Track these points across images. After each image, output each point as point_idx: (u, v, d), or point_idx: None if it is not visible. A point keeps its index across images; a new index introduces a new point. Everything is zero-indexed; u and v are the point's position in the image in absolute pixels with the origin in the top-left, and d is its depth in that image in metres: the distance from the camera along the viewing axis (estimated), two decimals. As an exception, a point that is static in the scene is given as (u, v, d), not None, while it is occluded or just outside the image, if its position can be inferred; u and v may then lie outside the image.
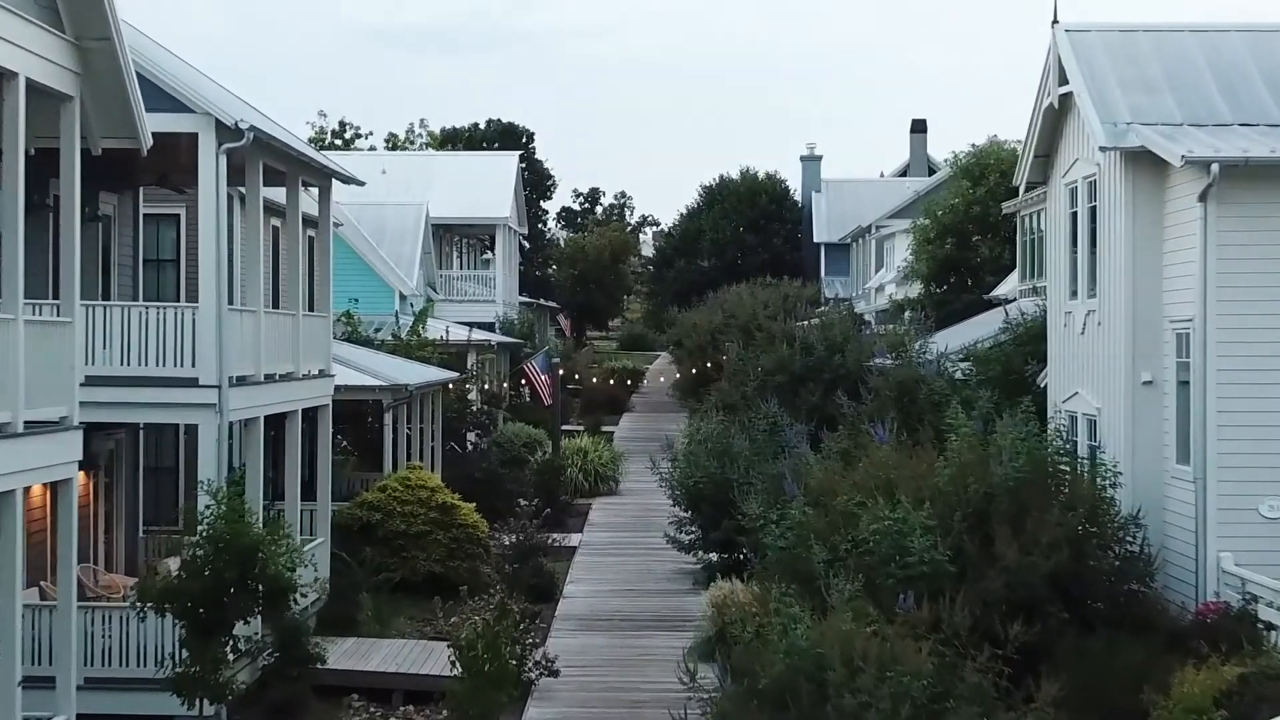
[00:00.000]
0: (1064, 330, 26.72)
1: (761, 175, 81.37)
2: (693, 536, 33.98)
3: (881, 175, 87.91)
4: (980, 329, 36.13)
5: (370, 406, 36.14)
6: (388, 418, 34.21)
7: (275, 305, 31.87)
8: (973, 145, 47.94)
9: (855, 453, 27.78)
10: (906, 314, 47.97)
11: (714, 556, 33.55)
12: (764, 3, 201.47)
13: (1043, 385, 28.58)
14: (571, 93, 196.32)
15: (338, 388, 32.09)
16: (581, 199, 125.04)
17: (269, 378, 25.47)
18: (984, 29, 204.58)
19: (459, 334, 48.09)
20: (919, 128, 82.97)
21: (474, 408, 46.35)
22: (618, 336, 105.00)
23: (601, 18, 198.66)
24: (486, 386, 48.95)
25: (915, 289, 48.70)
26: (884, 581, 19.61)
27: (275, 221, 35.29)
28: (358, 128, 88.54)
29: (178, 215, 33.14)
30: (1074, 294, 26.18)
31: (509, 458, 48.08)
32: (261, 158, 24.85)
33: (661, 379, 66.83)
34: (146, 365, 22.67)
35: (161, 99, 22.33)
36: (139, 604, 20.37)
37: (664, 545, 34.35)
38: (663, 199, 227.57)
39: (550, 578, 32.05)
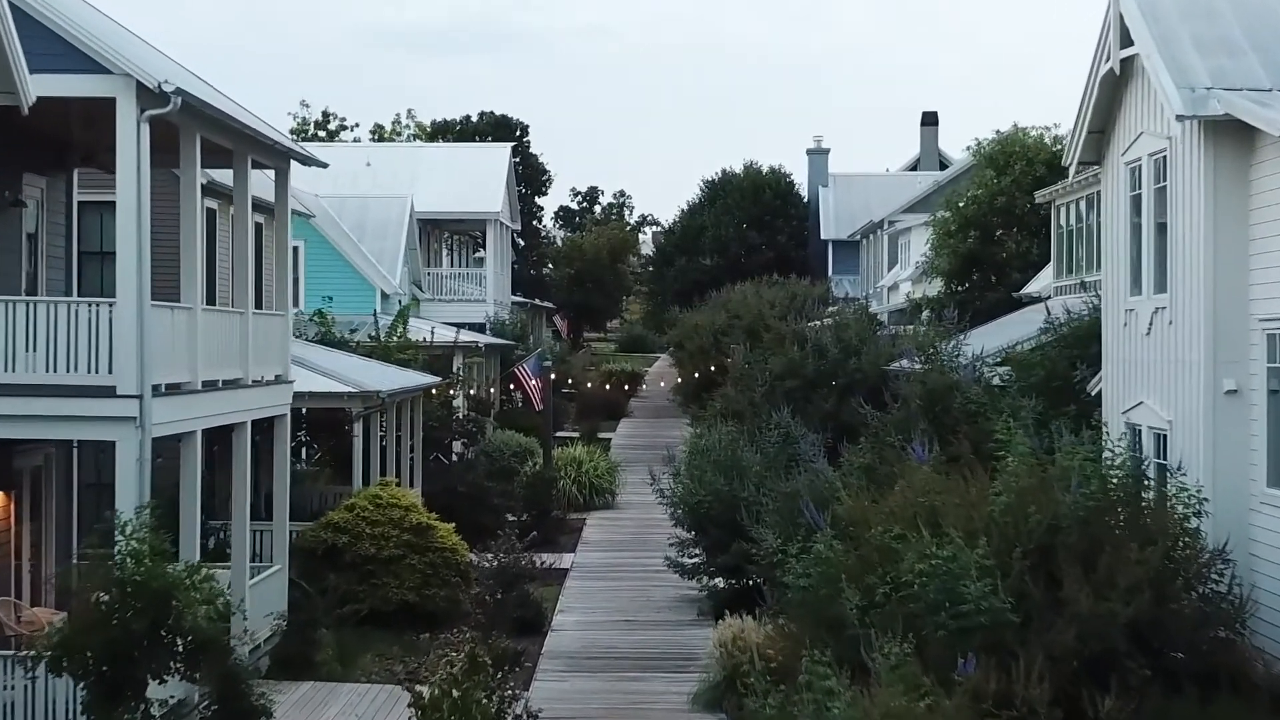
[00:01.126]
0: (1124, 331, 23.30)
1: (766, 170, 77.75)
2: (696, 560, 30.58)
3: (887, 171, 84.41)
4: (1012, 330, 32.70)
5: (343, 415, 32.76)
6: (357, 428, 30.82)
7: (234, 303, 28.43)
8: (996, 132, 44.53)
9: (880, 468, 24.56)
10: (925, 313, 44.57)
11: (720, 582, 30.19)
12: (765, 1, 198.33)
13: (1093, 393, 25.18)
14: (569, 91, 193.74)
15: (300, 395, 28.74)
16: (580, 198, 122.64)
17: (209, 385, 22.06)
18: (990, 19, 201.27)
19: (445, 335, 44.69)
20: (930, 120, 79.54)
21: (460, 415, 42.96)
22: (616, 338, 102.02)
23: (602, 17, 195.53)
24: (473, 392, 45.51)
25: (934, 287, 45.29)
26: (933, 634, 16.20)
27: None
28: (342, 119, 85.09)
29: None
30: (1137, 288, 22.76)
31: (498, 468, 44.73)
32: (198, 130, 21.43)
33: (662, 383, 63.35)
34: (55, 371, 19.25)
35: (72, 57, 18.99)
36: (29, 660, 16.92)
37: (664, 567, 30.96)
38: (663, 198, 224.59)
39: (537, 608, 28.61)
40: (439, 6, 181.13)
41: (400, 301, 49.16)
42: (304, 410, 33.90)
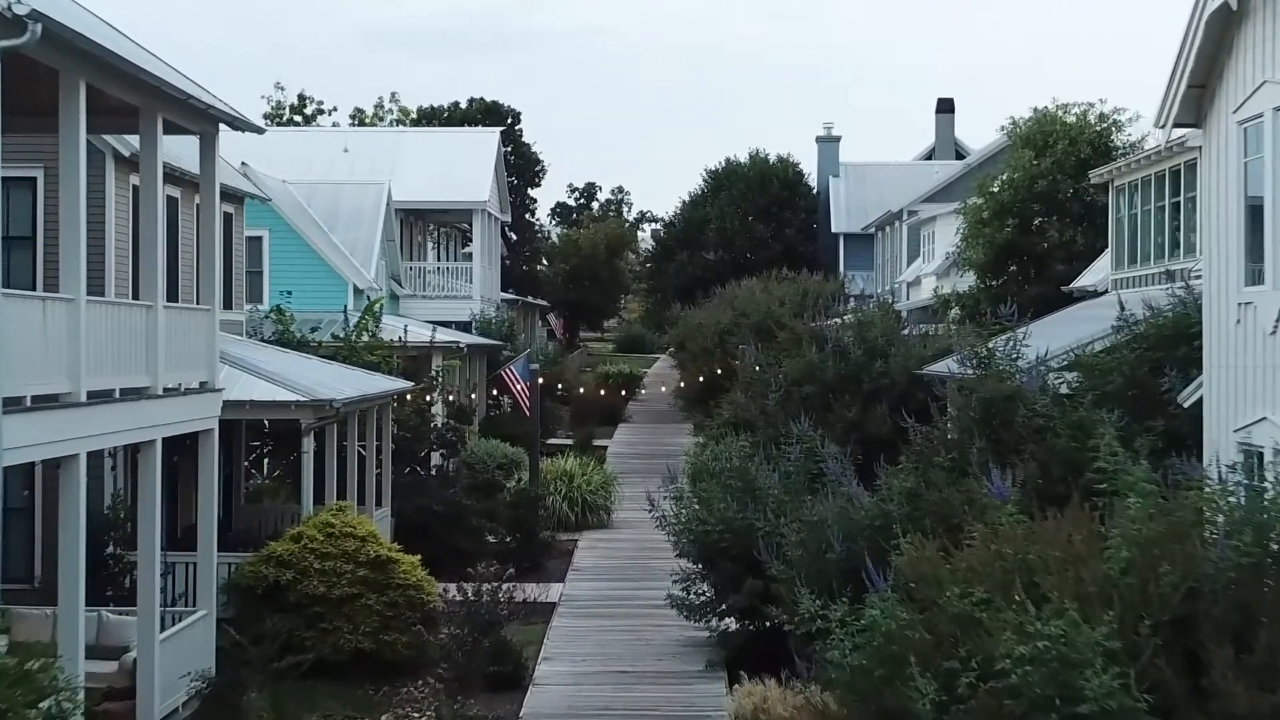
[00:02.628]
0: (1235, 330, 18.85)
1: (773, 159, 73.00)
2: (705, 598, 26.14)
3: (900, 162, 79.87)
4: (1066, 329, 28.21)
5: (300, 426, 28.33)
6: (307, 442, 26.38)
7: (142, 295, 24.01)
8: (1033, 110, 40.06)
9: (927, 495, 20.26)
10: (953, 310, 40.18)
11: (732, 623, 25.80)
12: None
13: (1186, 404, 20.75)
14: (568, 90, 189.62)
15: (236, 405, 24.39)
16: (577, 194, 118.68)
17: (99, 396, 17.63)
18: (1000, 7, 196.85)
19: (421, 334, 40.26)
20: (945, 107, 74.96)
21: (438, 423, 38.58)
22: (614, 338, 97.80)
23: (601, 17, 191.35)
24: (452, 398, 41.04)
25: (965, 281, 40.87)
26: (1041, 747, 11.79)
27: (173, 190, 27.62)
28: (319, 103, 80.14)
29: (33, 178, 25.43)
30: (1255, 278, 18.32)
31: (482, 482, 40.37)
32: (81, 76, 16.98)
33: (663, 388, 58.80)
34: (-125, 380, 14.80)
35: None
36: None
37: (666, 603, 26.49)
38: (663, 196, 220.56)
39: (516, 657, 24.11)
40: (438, 6, 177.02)
41: (371, 297, 44.88)
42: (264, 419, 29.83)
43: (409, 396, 36.20)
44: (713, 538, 25.19)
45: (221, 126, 22.40)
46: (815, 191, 72.77)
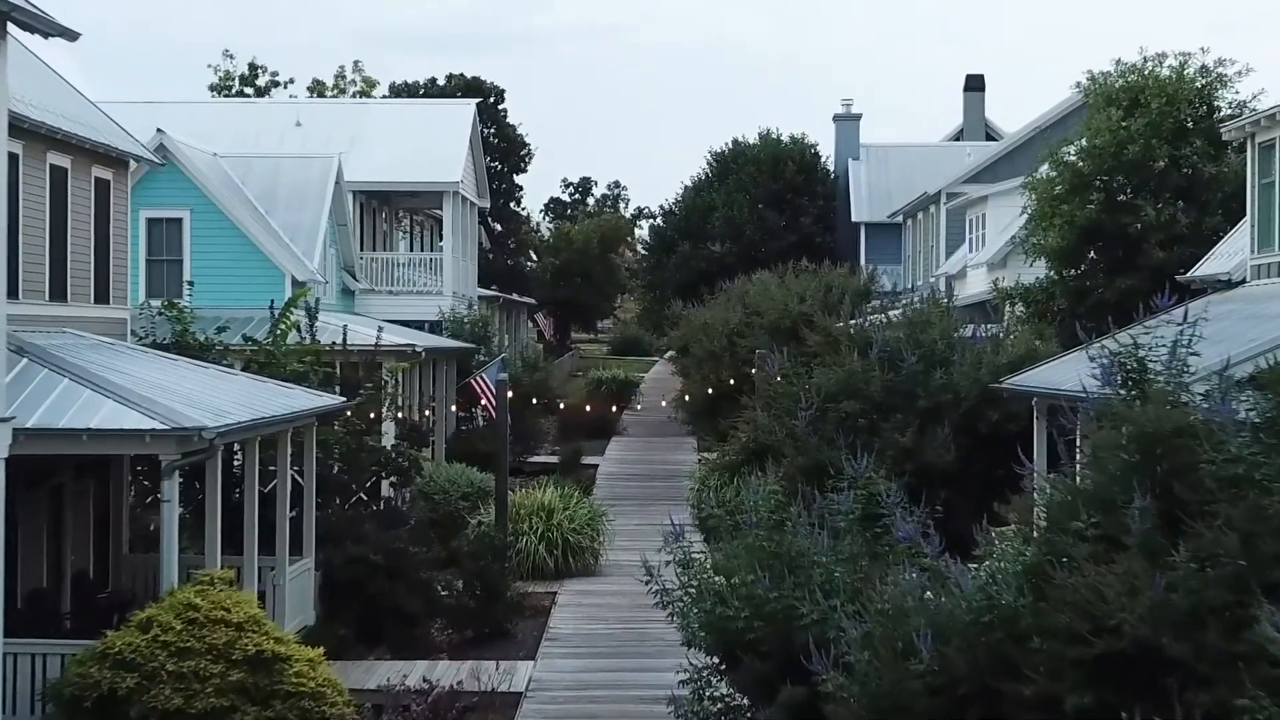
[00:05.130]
0: None
1: (787, 139, 65.21)
2: (723, 705, 18.72)
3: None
4: (1226, 328, 20.82)
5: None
6: (168, 486, 18.97)
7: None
8: (1117, 62, 32.66)
9: (1066, 582, 13.27)
10: (1017, 307, 32.88)
11: (763, 740, 18.41)
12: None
13: None
14: (566, 89, 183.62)
15: (73, 436, 17.20)
16: (571, 189, 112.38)
17: None
18: None
19: (365, 335, 32.91)
20: (975, 85, 67.46)
21: (384, 444, 31.33)
22: (609, 339, 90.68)
23: (600, 17, 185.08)
24: (401, 415, 33.55)
25: (1031, 271, 33.50)
26: None
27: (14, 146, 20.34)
28: (274, 73, 72.06)
29: None
30: None
31: (442, 515, 33.22)
32: None
33: (663, 403, 51.26)
34: None
35: None
36: None
37: (668, 706, 19.10)
38: (663, 194, 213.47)
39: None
40: (437, 7, 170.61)
41: (315, 290, 37.60)
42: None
43: (349, 414, 28.96)
44: (736, 626, 17.80)
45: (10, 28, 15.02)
46: (833, 176, 65.26)
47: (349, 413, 29.06)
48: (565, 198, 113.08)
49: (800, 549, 18.23)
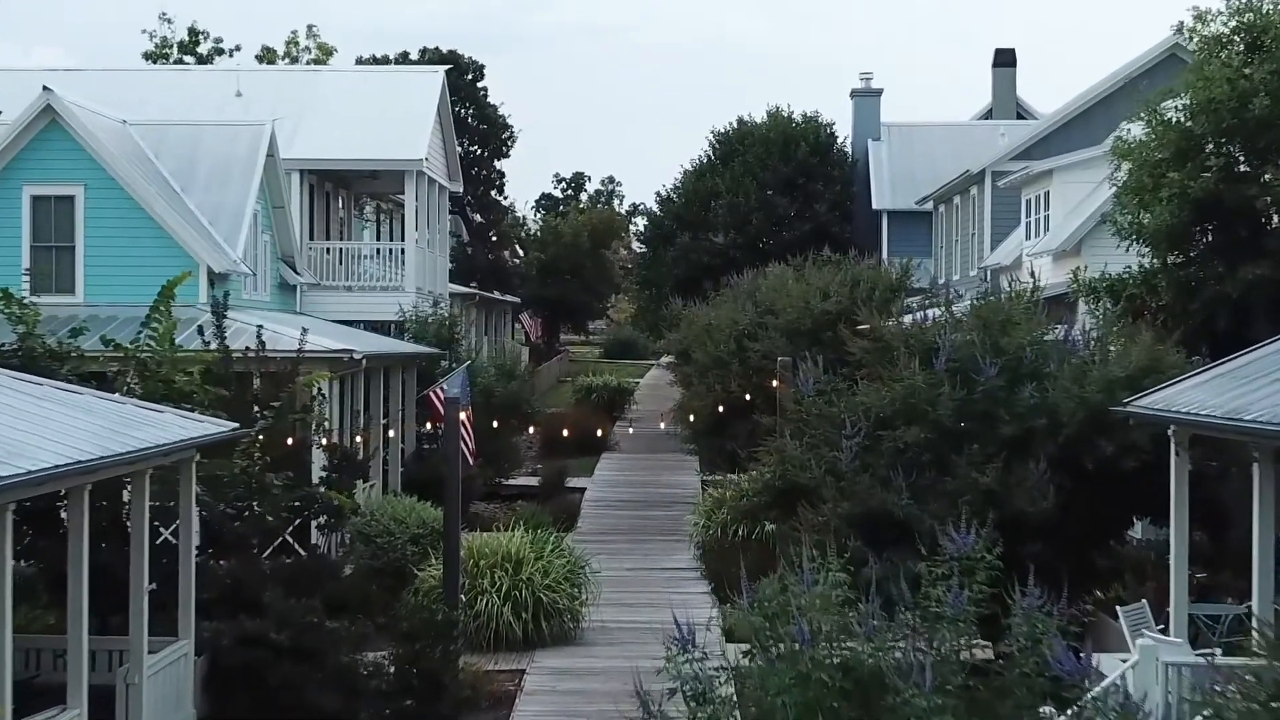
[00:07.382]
0: None
1: (799, 118, 58.29)
2: None
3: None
4: None
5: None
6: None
7: None
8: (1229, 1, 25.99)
9: None
10: (1103, 303, 26.22)
11: None
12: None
13: None
14: (564, 89, 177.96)
15: None
16: (564, 184, 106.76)
17: None
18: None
19: (287, 336, 26.31)
20: (1004, 60, 60.69)
21: (313, 476, 24.75)
22: (601, 342, 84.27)
23: (599, 17, 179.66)
24: (330, 440, 26.76)
25: (1117, 258, 26.84)
26: None
27: None
28: (218, 39, 64.86)
29: None
30: None
31: (386, 564, 26.78)
32: None
33: (662, 424, 44.50)
34: None
35: None
36: None
37: None
38: (660, 191, 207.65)
39: None
40: (437, 7, 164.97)
41: (237, 283, 31.02)
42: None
43: (258, 440, 22.39)
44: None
45: None
46: (851, 159, 58.51)
47: (258, 439, 22.51)
48: (557, 193, 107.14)
49: (876, 674, 11.82)
